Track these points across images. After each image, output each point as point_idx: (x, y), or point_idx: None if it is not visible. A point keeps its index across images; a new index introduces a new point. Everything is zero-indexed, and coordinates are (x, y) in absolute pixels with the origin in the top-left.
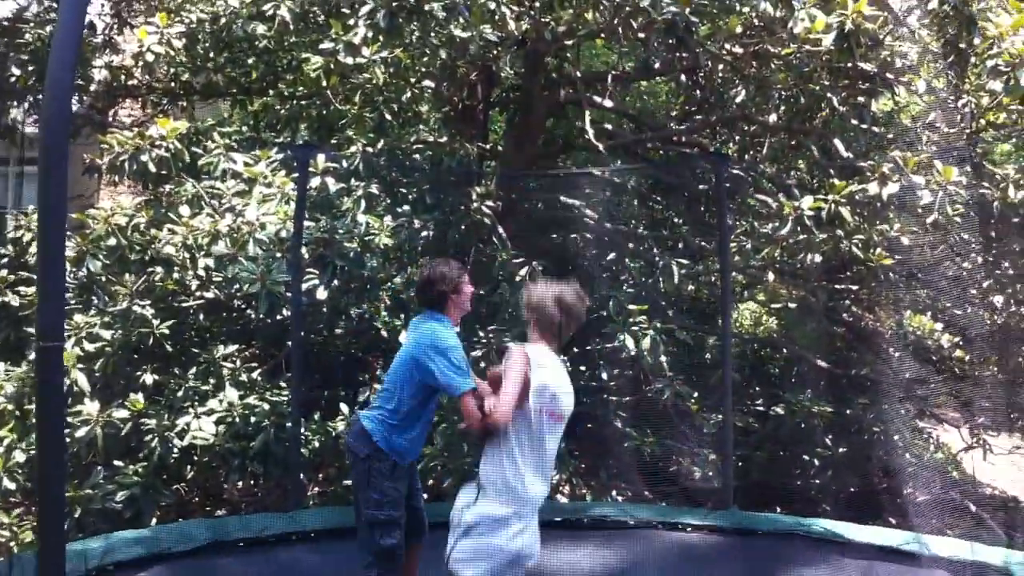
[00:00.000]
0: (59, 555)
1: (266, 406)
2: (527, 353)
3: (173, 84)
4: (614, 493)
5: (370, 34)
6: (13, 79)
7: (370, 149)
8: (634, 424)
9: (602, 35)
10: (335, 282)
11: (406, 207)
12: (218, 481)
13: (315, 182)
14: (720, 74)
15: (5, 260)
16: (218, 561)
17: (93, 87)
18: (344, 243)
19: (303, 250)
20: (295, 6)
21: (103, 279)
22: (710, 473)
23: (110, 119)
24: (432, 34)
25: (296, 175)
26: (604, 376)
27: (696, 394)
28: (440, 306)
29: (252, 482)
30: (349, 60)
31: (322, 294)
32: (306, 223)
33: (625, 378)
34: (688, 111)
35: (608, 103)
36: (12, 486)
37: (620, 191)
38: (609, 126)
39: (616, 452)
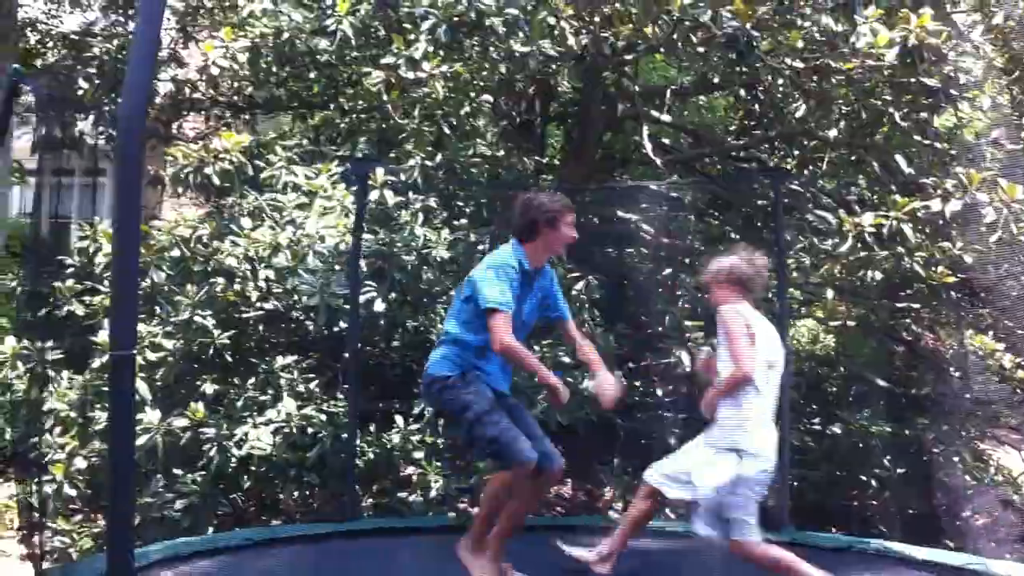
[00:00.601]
0: (127, 566)
1: (323, 417)
2: (739, 310)
3: (236, 98)
4: (667, 511)
5: (431, 48)
6: (80, 92)
7: (428, 163)
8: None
9: (661, 50)
10: (392, 295)
11: (463, 220)
12: (274, 491)
13: (374, 195)
14: (780, 89)
15: (71, 270)
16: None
17: (158, 100)
18: (402, 256)
19: (361, 263)
20: (356, 21)
21: (166, 289)
22: (767, 492)
23: (174, 132)
24: (492, 49)
25: (355, 188)
26: (659, 392)
27: None
28: (528, 236)
29: (308, 493)
30: (410, 75)
31: (380, 307)
32: (365, 236)
33: (680, 395)
34: (747, 126)
35: (666, 118)
36: (73, 492)
37: (677, 206)
38: (667, 141)
39: None
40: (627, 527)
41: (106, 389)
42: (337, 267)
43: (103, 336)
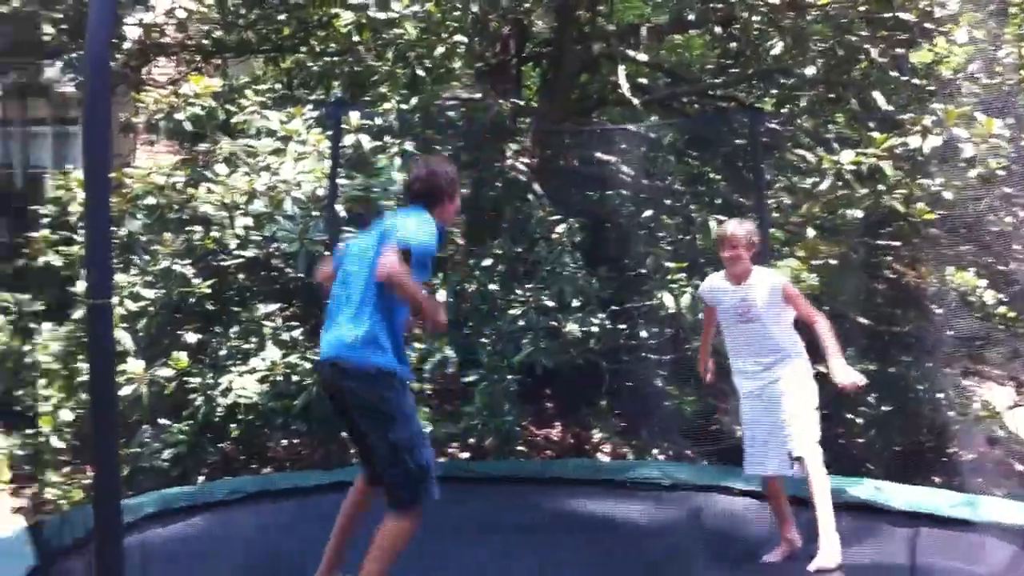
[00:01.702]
0: (115, 513)
1: (307, 365)
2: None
3: (206, 42)
4: (655, 452)
5: None
6: (47, 38)
7: (404, 106)
8: (674, 383)
9: None
10: None
11: None
12: (263, 440)
13: (349, 139)
14: (756, 26)
15: (47, 220)
16: (261, 510)
17: (126, 45)
18: (380, 201)
19: (339, 208)
20: None
21: (143, 238)
22: None
23: (144, 77)
24: None
25: (330, 132)
26: (643, 334)
27: None
28: (431, 204)
29: (297, 440)
30: (380, 15)
31: None
32: (342, 181)
33: (665, 336)
34: (724, 65)
35: (642, 57)
36: (61, 445)
37: (656, 147)
38: (644, 80)
39: (656, 411)
40: (782, 520)
41: (83, 340)
42: (315, 213)
43: (82, 286)
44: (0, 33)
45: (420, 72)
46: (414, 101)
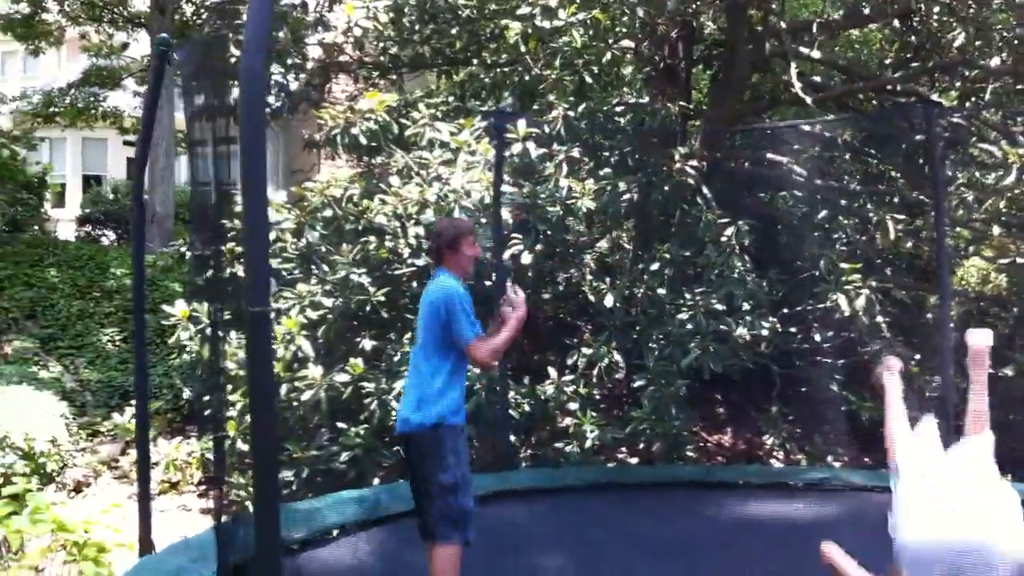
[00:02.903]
0: (274, 518)
1: (477, 370)
2: None
3: (382, 58)
4: (829, 459)
5: None
6: (233, 60)
7: (571, 113)
8: (850, 388)
9: None
10: (538, 247)
11: (608, 170)
12: None
13: (516, 148)
14: (936, 17)
15: (232, 234)
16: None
17: (309, 65)
18: (547, 207)
19: (506, 215)
20: None
21: (322, 249)
22: None
23: (326, 95)
24: None
25: (495, 141)
26: (817, 338)
27: (918, 356)
28: (439, 261)
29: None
30: (546, 24)
31: (527, 259)
32: (510, 189)
33: (840, 340)
34: (904, 59)
35: (816, 54)
36: (246, 447)
37: (830, 146)
38: (818, 78)
39: (831, 417)
40: None
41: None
42: (483, 220)
43: None
44: (186, 54)
45: (588, 79)
46: (581, 108)
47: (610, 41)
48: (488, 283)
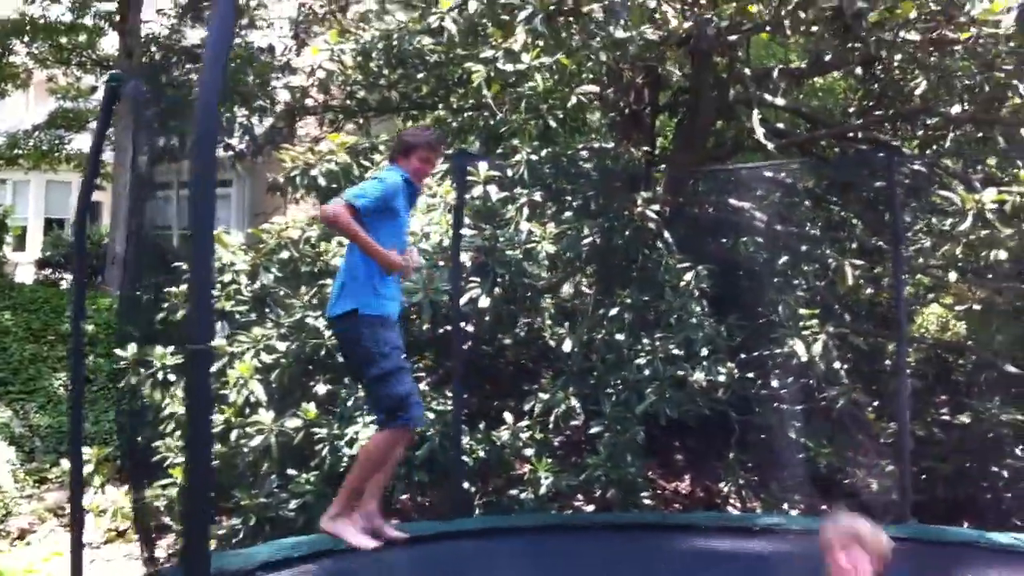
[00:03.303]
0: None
1: (431, 415)
2: None
3: (349, 102)
4: (785, 506)
5: (529, 39)
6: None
7: (534, 157)
8: (808, 434)
9: (768, 29)
10: (496, 290)
11: (569, 214)
12: (386, 491)
13: (478, 191)
14: (898, 65)
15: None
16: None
17: (278, 107)
18: (505, 251)
19: (465, 259)
20: (460, 19)
21: (279, 292)
22: (888, 485)
23: (292, 139)
24: (594, 38)
25: (455, 183)
26: (776, 384)
27: (876, 403)
28: (394, 158)
29: (422, 491)
30: (509, 67)
31: (484, 302)
32: (469, 232)
33: (798, 386)
34: (866, 107)
35: (780, 101)
36: None
37: (792, 192)
38: (781, 125)
39: (788, 463)
40: None
41: (222, 392)
42: (441, 263)
43: (219, 342)
44: (136, 83)
45: (552, 123)
46: (544, 152)
47: (575, 86)
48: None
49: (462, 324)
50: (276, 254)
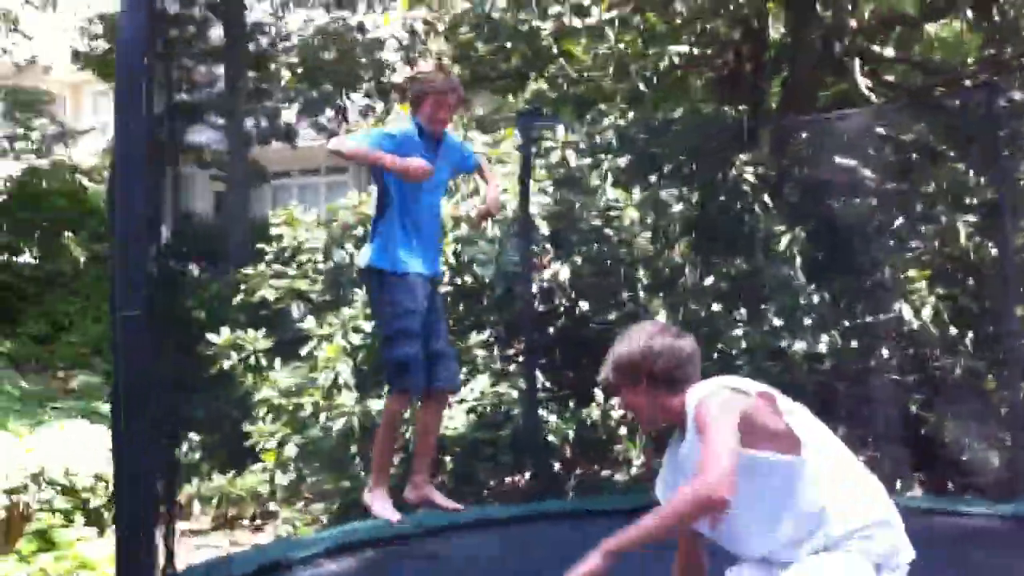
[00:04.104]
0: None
1: (514, 394)
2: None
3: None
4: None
5: None
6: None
7: (622, 122)
8: (919, 405)
9: None
10: (578, 260)
11: (652, 178)
12: (476, 472)
13: (555, 157)
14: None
15: (268, 257)
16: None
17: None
18: (587, 220)
19: (542, 225)
20: None
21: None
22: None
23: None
24: None
25: (521, 145)
26: (884, 352)
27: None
28: (413, 110)
29: (510, 473)
30: (576, 22)
31: (565, 274)
32: (544, 199)
33: (907, 354)
34: (985, 55)
35: (889, 52)
36: (285, 481)
37: (899, 147)
38: (892, 78)
39: (900, 437)
40: None
41: (312, 376)
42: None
43: (310, 324)
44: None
45: (642, 86)
46: (631, 115)
47: (666, 47)
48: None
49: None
50: (352, 230)
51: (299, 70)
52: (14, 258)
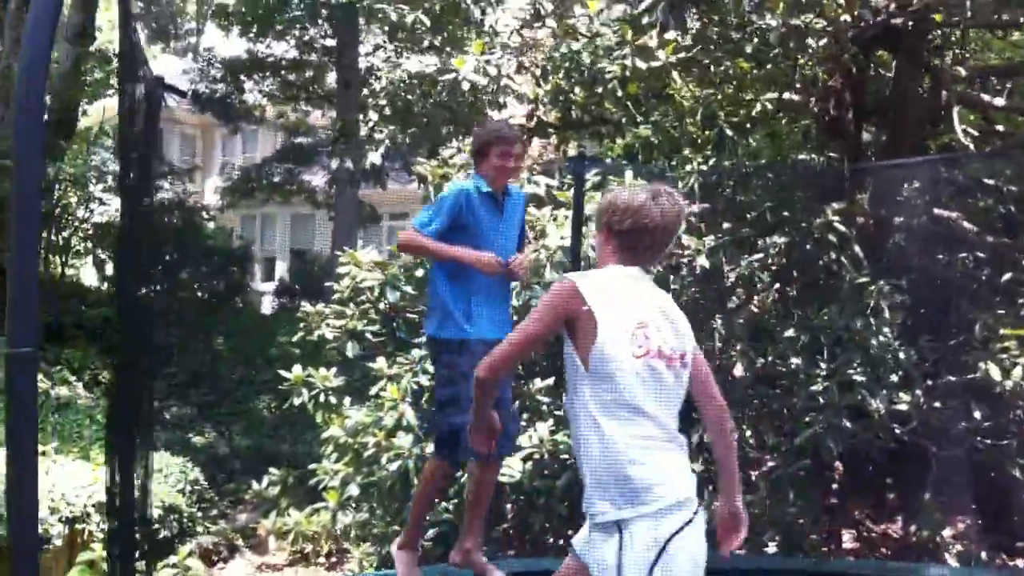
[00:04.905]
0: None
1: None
2: (574, 286)
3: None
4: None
5: (655, 31)
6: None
7: (703, 167)
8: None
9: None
10: None
11: (727, 224)
12: (528, 521)
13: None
14: None
15: (335, 296)
16: None
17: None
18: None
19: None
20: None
21: (408, 310)
22: None
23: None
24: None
25: (572, 190)
26: (977, 415)
27: None
28: (476, 166)
29: (565, 525)
30: (641, 64)
31: None
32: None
33: (1004, 416)
34: None
35: (999, 101)
36: (347, 520)
37: (1001, 198)
38: (1001, 128)
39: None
40: None
41: (379, 415)
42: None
43: (380, 363)
44: None
45: (728, 132)
46: (712, 162)
47: (757, 92)
48: None
49: None
50: (411, 272)
51: (387, 112)
52: None
